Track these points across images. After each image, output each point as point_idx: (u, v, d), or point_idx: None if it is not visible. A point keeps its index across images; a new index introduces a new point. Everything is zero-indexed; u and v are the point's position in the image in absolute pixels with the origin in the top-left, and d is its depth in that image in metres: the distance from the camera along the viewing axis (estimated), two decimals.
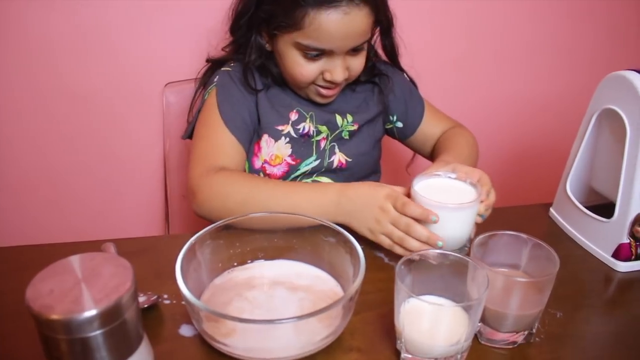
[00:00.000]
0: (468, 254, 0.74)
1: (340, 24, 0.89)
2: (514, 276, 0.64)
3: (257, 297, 0.69)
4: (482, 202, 0.82)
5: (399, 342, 0.63)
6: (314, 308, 0.67)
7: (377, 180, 1.17)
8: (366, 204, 0.81)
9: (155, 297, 0.72)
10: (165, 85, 1.27)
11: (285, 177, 1.05)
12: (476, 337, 0.67)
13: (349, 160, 1.08)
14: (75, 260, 0.58)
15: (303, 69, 0.96)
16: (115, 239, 0.83)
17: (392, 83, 1.11)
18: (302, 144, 1.05)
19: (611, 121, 0.82)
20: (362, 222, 0.82)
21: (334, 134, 1.07)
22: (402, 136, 1.18)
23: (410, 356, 0.62)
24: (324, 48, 0.92)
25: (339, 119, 1.07)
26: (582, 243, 0.86)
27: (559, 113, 1.56)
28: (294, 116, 1.04)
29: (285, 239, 0.76)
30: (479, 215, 0.82)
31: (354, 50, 0.95)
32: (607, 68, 0.85)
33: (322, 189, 0.86)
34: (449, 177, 0.84)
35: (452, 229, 0.78)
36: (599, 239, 0.83)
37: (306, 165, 1.05)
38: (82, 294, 0.53)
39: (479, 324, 0.66)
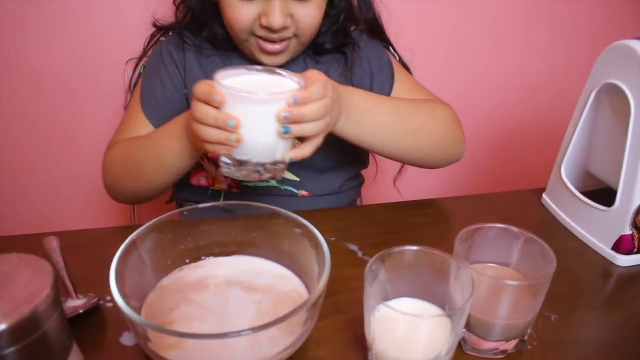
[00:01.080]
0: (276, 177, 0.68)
1: None
2: (503, 277, 0.55)
3: (208, 300, 0.60)
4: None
5: (370, 354, 0.55)
6: (274, 312, 0.59)
7: (354, 179, 1.03)
8: (186, 121, 0.73)
9: (95, 299, 0.63)
10: (127, 62, 1.17)
11: None
12: (460, 346, 0.59)
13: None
14: None
15: (238, 11, 0.83)
16: (60, 232, 0.74)
17: (360, 53, 0.95)
18: None
19: (612, 97, 0.73)
20: (192, 144, 0.74)
21: None
22: None
23: None
24: None
25: None
26: (578, 234, 0.78)
27: (554, 92, 1.48)
28: None
29: (244, 232, 0.67)
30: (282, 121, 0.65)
31: None
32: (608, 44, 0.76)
33: (173, 124, 0.78)
34: (276, 74, 0.69)
35: (252, 129, 0.63)
36: (597, 230, 0.75)
37: None
38: None
39: (463, 331, 0.58)
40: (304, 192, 0.95)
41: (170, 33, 0.96)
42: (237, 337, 0.49)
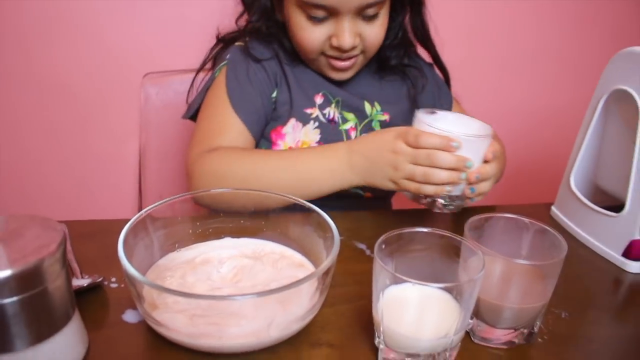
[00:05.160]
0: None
1: None
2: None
3: (218, 271, 0.60)
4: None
5: (377, 335, 0.54)
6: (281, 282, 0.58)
7: None
8: (378, 154, 0.75)
9: (100, 278, 0.63)
10: (144, 75, 1.20)
11: None
12: (469, 336, 0.58)
13: None
14: None
15: (308, 33, 0.87)
16: (68, 221, 0.74)
17: (425, 81, 1.02)
18: (330, 131, 0.95)
19: (621, 105, 0.74)
20: (380, 175, 0.75)
21: (364, 124, 0.98)
22: None
23: (390, 352, 0.53)
24: (327, 4, 0.83)
25: (367, 106, 0.98)
26: (588, 242, 0.77)
27: (561, 111, 1.49)
28: (319, 99, 0.96)
29: (252, 220, 0.67)
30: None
31: (367, 17, 0.86)
32: None
33: (330, 151, 0.80)
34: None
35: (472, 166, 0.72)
36: (607, 237, 0.74)
37: None
38: None
39: (472, 320, 0.57)
40: (368, 194, 0.98)
41: (247, 38, 0.96)
42: (239, 300, 0.49)
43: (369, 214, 0.85)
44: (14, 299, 0.44)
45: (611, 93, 0.74)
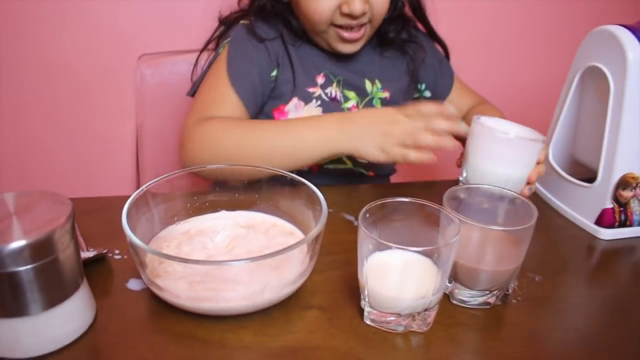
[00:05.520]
0: None
1: None
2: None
3: (204, 242, 0.65)
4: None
5: (362, 298, 0.58)
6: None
7: None
8: (374, 121, 0.79)
9: (105, 250, 0.67)
10: (140, 57, 1.22)
11: None
12: (448, 298, 0.62)
13: None
14: (9, 196, 0.54)
15: (317, 3, 0.88)
16: (73, 198, 0.77)
17: (424, 54, 1.05)
18: (333, 109, 0.98)
19: (595, 81, 0.78)
20: (371, 143, 0.79)
21: (365, 101, 1.01)
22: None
23: (374, 312, 0.57)
24: None
25: (368, 84, 1.01)
26: (564, 212, 0.82)
27: (550, 87, 1.52)
28: (320, 79, 0.98)
29: (246, 194, 0.71)
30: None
31: None
32: None
33: (323, 119, 0.84)
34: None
35: (514, 167, 0.74)
36: (581, 206, 0.79)
37: None
38: (12, 226, 0.49)
39: (451, 283, 0.62)
40: (371, 173, 1.04)
41: (252, 17, 0.98)
42: (233, 265, 0.53)
43: (358, 187, 0.90)
44: (29, 266, 0.48)
45: (585, 69, 0.78)
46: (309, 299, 0.62)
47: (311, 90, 0.98)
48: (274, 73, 0.96)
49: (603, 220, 0.76)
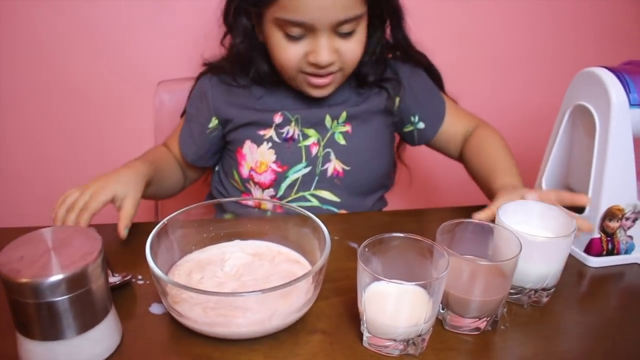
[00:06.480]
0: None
1: None
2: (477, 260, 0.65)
3: (214, 270, 0.72)
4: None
5: (362, 323, 0.64)
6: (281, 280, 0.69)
7: (383, 195, 1.13)
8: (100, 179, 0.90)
9: (129, 276, 0.73)
10: (158, 83, 1.29)
11: (274, 185, 1.01)
12: (441, 324, 0.68)
13: (347, 168, 1.01)
14: (47, 231, 0.60)
15: (286, 52, 0.90)
16: (97, 224, 0.84)
17: (402, 89, 1.04)
18: (286, 149, 1.00)
19: (584, 118, 0.83)
20: None
21: (326, 138, 1.01)
22: (424, 139, 1.10)
23: (372, 337, 0.63)
24: (303, 21, 0.86)
25: (328, 120, 1.01)
26: None
27: (537, 117, 1.56)
28: (278, 119, 1.01)
29: (258, 224, 0.78)
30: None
31: (343, 33, 0.89)
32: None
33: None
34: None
35: (549, 264, 0.71)
36: None
37: (295, 172, 1.00)
38: (51, 261, 0.55)
39: (444, 311, 0.67)
40: (343, 211, 1.03)
41: (211, 75, 1.06)
42: (246, 296, 0.59)
43: (363, 215, 0.95)
44: (65, 297, 0.55)
45: (575, 107, 0.84)
46: (314, 323, 0.67)
47: (261, 132, 1.01)
48: (212, 125, 1.05)
49: (592, 248, 0.81)
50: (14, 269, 0.54)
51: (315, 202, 1.02)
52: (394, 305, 0.62)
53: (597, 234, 0.80)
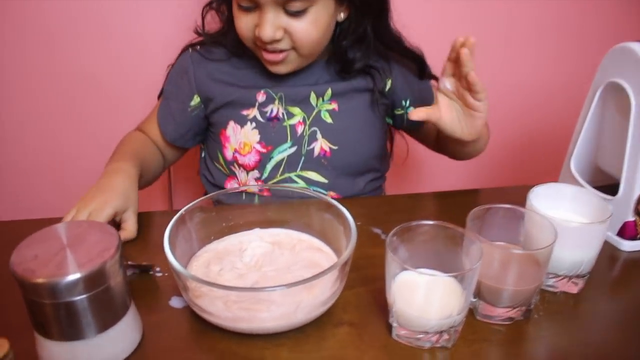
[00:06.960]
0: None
1: None
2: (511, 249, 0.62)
3: (233, 261, 0.69)
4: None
5: (390, 315, 0.62)
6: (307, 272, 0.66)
7: (378, 180, 1.09)
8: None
9: (148, 266, 0.71)
10: (168, 66, 1.26)
11: (259, 166, 0.98)
12: (472, 313, 0.65)
13: (334, 148, 0.98)
14: (61, 227, 0.58)
15: (239, 21, 0.90)
16: None
17: (394, 73, 1.02)
18: (271, 129, 0.97)
19: (616, 96, 0.79)
20: None
21: (312, 117, 0.98)
22: (412, 124, 1.08)
23: (402, 330, 0.61)
24: None
25: (313, 97, 0.98)
26: None
27: (566, 94, 1.52)
28: (261, 97, 0.97)
29: (278, 211, 0.75)
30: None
31: (292, 12, 0.86)
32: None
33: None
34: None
35: (570, 250, 0.67)
36: None
37: (280, 153, 0.97)
38: (66, 259, 0.53)
39: (475, 300, 0.64)
40: (332, 194, 1.00)
41: (199, 47, 1.03)
42: (270, 291, 0.57)
43: (384, 199, 0.93)
44: (83, 296, 0.52)
45: (607, 85, 0.79)
46: (340, 315, 0.65)
47: (245, 113, 0.98)
48: (193, 102, 1.01)
49: (625, 232, 0.78)
50: (28, 269, 0.51)
51: (302, 183, 0.99)
52: (424, 296, 0.60)
53: (631, 217, 0.77)
